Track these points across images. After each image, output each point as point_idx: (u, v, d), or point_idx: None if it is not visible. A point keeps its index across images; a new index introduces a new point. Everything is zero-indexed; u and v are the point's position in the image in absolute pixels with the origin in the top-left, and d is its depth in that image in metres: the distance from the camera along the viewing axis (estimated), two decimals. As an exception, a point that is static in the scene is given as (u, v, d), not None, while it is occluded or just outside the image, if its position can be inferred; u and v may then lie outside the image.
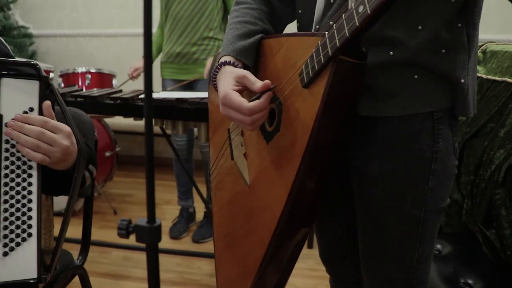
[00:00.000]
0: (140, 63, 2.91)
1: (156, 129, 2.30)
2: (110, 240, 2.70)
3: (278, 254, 1.02)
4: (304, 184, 0.93)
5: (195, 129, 2.09)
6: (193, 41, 2.67)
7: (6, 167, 0.95)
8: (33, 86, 0.96)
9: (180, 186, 2.93)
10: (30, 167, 0.96)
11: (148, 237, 0.61)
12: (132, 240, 0.95)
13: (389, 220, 1.01)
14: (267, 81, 0.95)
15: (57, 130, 0.99)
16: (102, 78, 3.07)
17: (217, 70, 1.06)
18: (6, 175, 0.95)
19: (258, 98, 0.95)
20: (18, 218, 0.94)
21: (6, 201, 0.94)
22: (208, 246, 2.75)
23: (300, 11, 1.13)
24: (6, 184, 0.94)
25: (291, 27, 1.22)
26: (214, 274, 2.48)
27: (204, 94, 2.13)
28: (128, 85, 2.91)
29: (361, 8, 0.76)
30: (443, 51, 0.93)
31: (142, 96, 2.05)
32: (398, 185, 0.99)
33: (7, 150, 0.96)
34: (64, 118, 1.03)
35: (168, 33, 2.74)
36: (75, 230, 1.69)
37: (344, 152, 0.99)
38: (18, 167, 0.96)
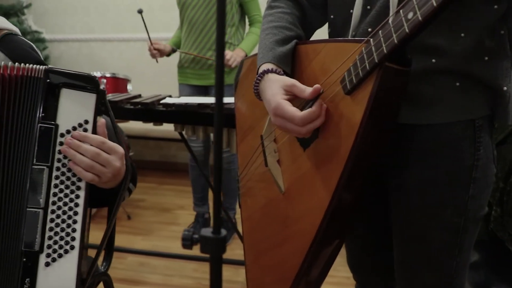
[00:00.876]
0: (164, 45, 2.88)
1: (173, 133, 2.30)
2: (125, 245, 2.69)
3: (316, 261, 1.01)
4: (346, 191, 0.92)
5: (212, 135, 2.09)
6: (208, 45, 2.67)
7: (57, 177, 0.94)
8: (90, 99, 0.96)
9: (196, 192, 2.92)
10: (80, 180, 0.96)
11: (213, 247, 0.60)
12: (147, 245, 0.95)
13: (428, 228, 1.00)
14: (317, 86, 0.94)
15: (112, 152, 0.98)
16: (117, 83, 3.07)
17: (259, 78, 1.05)
18: (56, 185, 0.94)
19: (309, 105, 0.95)
20: (63, 230, 0.94)
21: (53, 211, 0.94)
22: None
23: (332, 16, 1.12)
24: (55, 194, 0.94)
25: (321, 33, 1.22)
26: (232, 280, 2.49)
27: (227, 100, 2.12)
28: (146, 90, 2.91)
29: (410, 15, 0.76)
30: (486, 58, 0.93)
31: (164, 101, 2.05)
32: (438, 193, 0.98)
33: (59, 160, 0.95)
34: (114, 135, 1.03)
35: (184, 37, 2.75)
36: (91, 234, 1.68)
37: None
38: (68, 178, 0.95)
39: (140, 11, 2.74)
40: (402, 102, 0.92)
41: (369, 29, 0.99)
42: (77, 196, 0.95)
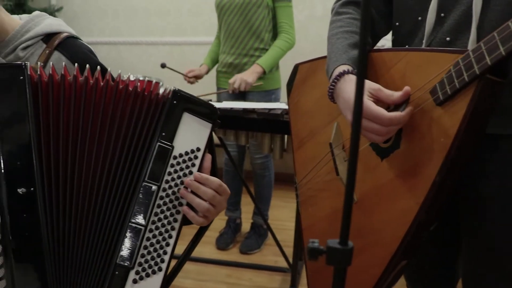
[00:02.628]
0: (199, 69, 2.85)
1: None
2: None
3: (394, 271, 1.00)
4: (433, 204, 0.91)
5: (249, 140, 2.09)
6: (244, 51, 2.65)
7: (161, 198, 0.94)
8: (206, 128, 0.97)
9: (229, 197, 2.90)
10: (181, 205, 0.95)
11: (340, 259, 0.59)
12: (179, 249, 0.94)
13: (506, 239, 0.98)
14: (407, 88, 0.93)
15: (225, 193, 0.98)
16: (150, 86, 3.07)
17: (336, 80, 1.04)
18: (159, 206, 0.94)
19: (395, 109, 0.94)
20: (155, 250, 0.94)
21: (151, 231, 0.93)
22: (256, 258, 2.73)
23: (397, 23, 1.11)
24: (156, 214, 0.94)
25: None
26: (265, 286, 2.48)
27: (273, 105, 2.12)
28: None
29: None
30: None
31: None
32: None
33: (167, 181, 0.95)
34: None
35: (222, 43, 2.75)
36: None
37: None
38: (171, 201, 0.95)
39: (163, 66, 2.75)
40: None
41: (448, 38, 0.97)
42: (175, 220, 0.95)
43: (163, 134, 0.94)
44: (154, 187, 0.94)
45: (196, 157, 0.96)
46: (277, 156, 2.05)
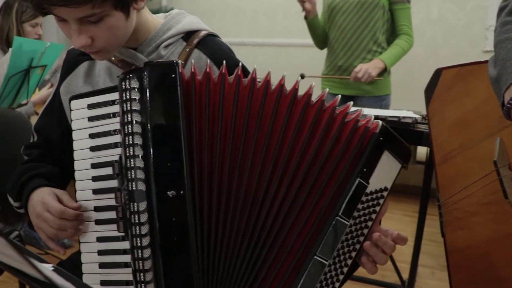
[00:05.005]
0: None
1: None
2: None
3: None
4: None
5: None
6: (357, 53, 2.54)
7: (346, 233, 0.88)
8: (397, 168, 0.89)
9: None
10: (359, 242, 0.88)
11: None
12: None
13: None
14: None
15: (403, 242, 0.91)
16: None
17: None
18: (342, 241, 0.88)
19: None
20: (327, 285, 0.88)
21: (329, 265, 0.87)
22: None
23: None
24: (337, 249, 0.88)
25: None
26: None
27: (402, 113, 1.99)
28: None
29: None
30: None
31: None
32: None
33: (354, 217, 0.88)
34: None
35: (331, 45, 2.65)
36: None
37: None
38: (353, 237, 0.88)
39: (302, 77, 2.63)
40: None
41: None
42: (350, 257, 0.88)
43: (364, 170, 0.87)
44: (346, 223, 0.87)
45: (382, 197, 0.88)
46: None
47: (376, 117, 1.91)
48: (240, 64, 0.93)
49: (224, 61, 0.90)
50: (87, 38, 0.91)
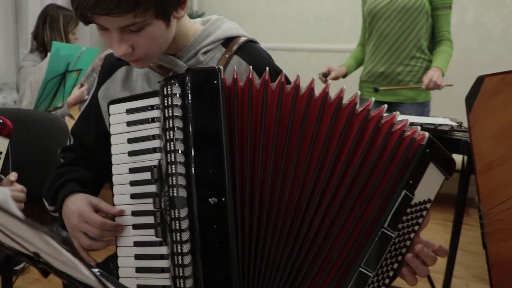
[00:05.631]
0: (338, 70, 2.66)
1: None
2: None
3: None
4: None
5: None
6: (399, 60, 2.49)
7: (390, 245, 0.87)
8: (440, 180, 0.88)
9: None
10: (402, 254, 0.87)
11: None
12: None
13: None
14: None
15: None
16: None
17: None
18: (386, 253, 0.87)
19: None
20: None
21: (372, 277, 0.85)
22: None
23: None
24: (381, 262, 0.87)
25: None
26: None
27: (438, 121, 1.94)
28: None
29: None
30: None
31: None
32: None
33: (398, 229, 0.86)
34: None
35: (371, 51, 2.60)
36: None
37: None
38: (396, 249, 0.86)
39: (325, 75, 2.61)
40: None
41: None
42: (392, 269, 0.86)
43: (410, 182, 0.85)
44: (392, 236, 0.85)
45: (425, 209, 0.87)
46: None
47: (412, 124, 1.87)
48: (284, 71, 0.92)
49: (267, 68, 0.90)
50: (128, 46, 0.92)
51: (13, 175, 1.27)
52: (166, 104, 0.88)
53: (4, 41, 3.63)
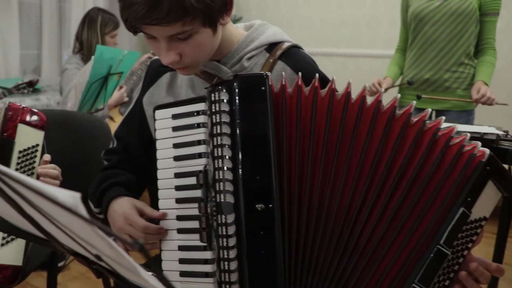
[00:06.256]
0: (386, 81, 2.55)
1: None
2: None
3: None
4: None
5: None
6: (447, 66, 2.41)
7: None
8: (497, 197, 0.85)
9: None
10: (454, 271, 0.84)
11: None
12: None
13: None
14: None
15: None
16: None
17: None
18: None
19: None
20: None
21: None
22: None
23: None
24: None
25: None
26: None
27: (483, 129, 1.89)
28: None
29: None
30: None
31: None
32: None
33: (452, 246, 0.84)
34: None
35: (415, 56, 2.51)
36: None
37: None
38: (448, 266, 0.84)
39: (410, 83, 2.51)
40: None
41: None
42: (444, 286, 0.84)
43: (468, 199, 0.82)
44: (447, 254, 0.82)
45: (480, 226, 0.84)
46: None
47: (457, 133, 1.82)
48: (333, 77, 0.91)
49: (317, 74, 0.89)
50: (176, 54, 0.93)
51: (46, 156, 1.31)
52: (213, 110, 0.89)
53: (49, 45, 3.74)
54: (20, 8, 3.53)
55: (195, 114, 0.96)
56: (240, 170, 0.85)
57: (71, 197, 0.37)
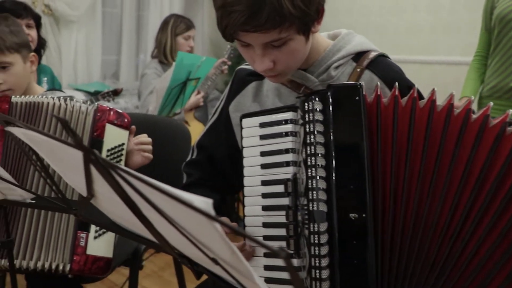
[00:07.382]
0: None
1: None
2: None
3: None
4: None
5: None
6: None
7: None
8: None
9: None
10: None
11: None
12: None
13: None
14: None
15: None
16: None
17: None
18: None
19: None
20: None
21: None
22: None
23: None
24: None
25: None
26: None
27: None
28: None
29: None
30: None
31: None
32: None
33: None
34: None
35: (499, 63, 2.35)
36: None
37: None
38: None
39: None
40: None
41: None
42: None
43: None
44: None
45: None
46: None
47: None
48: (434, 88, 0.89)
49: (416, 86, 0.88)
50: (270, 62, 0.94)
51: (133, 128, 1.38)
52: (307, 119, 0.89)
53: (127, 52, 3.91)
54: (103, 17, 3.72)
55: (283, 123, 0.97)
56: (333, 179, 0.85)
57: (204, 203, 0.39)
